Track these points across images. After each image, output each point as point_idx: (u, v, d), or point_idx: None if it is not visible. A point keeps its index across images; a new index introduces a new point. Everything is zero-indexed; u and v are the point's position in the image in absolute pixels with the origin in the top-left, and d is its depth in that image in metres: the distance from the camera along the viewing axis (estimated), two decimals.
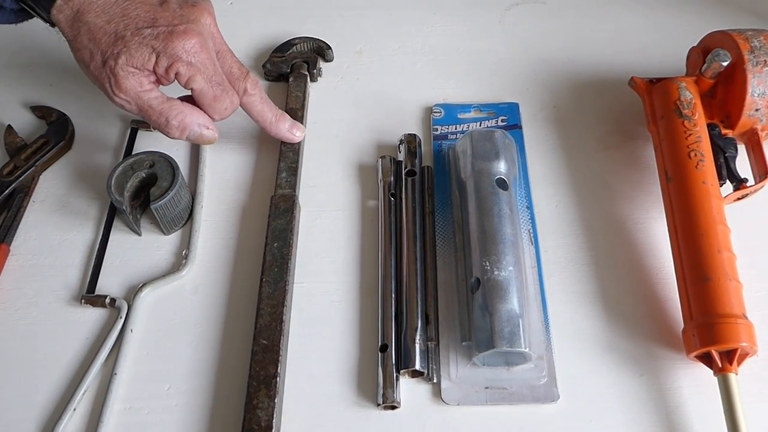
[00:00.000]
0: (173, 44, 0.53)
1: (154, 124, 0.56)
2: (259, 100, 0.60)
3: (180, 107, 0.56)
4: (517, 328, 0.50)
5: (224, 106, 0.57)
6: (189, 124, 0.56)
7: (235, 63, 0.59)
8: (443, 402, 0.51)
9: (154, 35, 0.53)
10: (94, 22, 0.53)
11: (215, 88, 0.56)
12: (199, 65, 0.54)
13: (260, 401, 0.50)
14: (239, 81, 0.59)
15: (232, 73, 0.58)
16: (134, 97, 0.54)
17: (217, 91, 0.56)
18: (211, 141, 0.59)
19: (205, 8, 0.56)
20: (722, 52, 0.57)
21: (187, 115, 0.56)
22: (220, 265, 0.58)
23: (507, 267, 0.52)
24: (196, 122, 0.56)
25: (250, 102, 0.60)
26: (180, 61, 0.53)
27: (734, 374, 0.49)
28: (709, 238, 0.52)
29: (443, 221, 0.59)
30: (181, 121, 0.56)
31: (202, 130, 0.57)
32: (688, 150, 0.56)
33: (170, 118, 0.55)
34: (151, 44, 0.52)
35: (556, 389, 0.51)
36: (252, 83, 0.59)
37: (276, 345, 0.52)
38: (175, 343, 0.54)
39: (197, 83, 0.54)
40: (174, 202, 0.58)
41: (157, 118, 0.55)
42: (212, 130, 0.58)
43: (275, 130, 0.62)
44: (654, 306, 0.55)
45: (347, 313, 0.56)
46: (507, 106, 0.67)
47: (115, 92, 0.54)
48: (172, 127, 0.56)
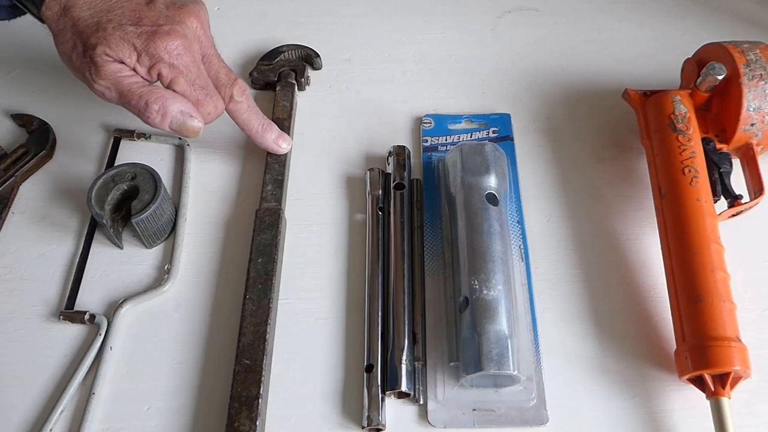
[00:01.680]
0: (155, 44, 0.52)
1: (134, 110, 0.54)
2: (245, 108, 0.59)
3: (161, 92, 0.53)
4: (505, 350, 0.49)
5: (207, 110, 0.55)
6: (170, 109, 0.53)
7: (223, 68, 0.58)
8: (429, 424, 0.50)
9: (137, 33, 0.52)
10: (79, 16, 0.53)
11: (198, 92, 0.54)
12: (182, 67, 0.53)
13: (242, 423, 0.48)
14: (226, 87, 0.57)
15: (218, 79, 0.57)
16: (114, 82, 0.52)
17: (200, 95, 0.55)
18: (195, 132, 0.55)
19: (192, 11, 0.55)
20: (717, 65, 0.56)
21: (169, 100, 0.53)
22: (203, 280, 0.57)
23: (496, 286, 0.51)
24: (178, 109, 0.54)
25: (236, 109, 0.58)
26: (162, 62, 0.52)
27: (727, 398, 0.48)
28: (703, 258, 0.51)
29: (432, 236, 0.58)
30: (162, 104, 0.53)
31: (186, 119, 0.54)
32: (682, 166, 0.55)
33: (150, 102, 0.53)
34: (132, 42, 0.52)
35: (546, 411, 0.50)
36: (239, 90, 0.58)
37: (258, 365, 0.51)
38: (155, 361, 0.53)
39: (179, 85, 0.53)
40: (156, 216, 0.56)
41: (137, 102, 0.53)
42: (197, 119, 0.55)
43: (260, 140, 0.61)
44: (646, 326, 0.54)
45: (333, 331, 0.54)
46: (498, 117, 0.65)
47: (95, 79, 0.52)
48: (152, 110, 0.53)
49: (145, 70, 0.53)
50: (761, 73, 0.55)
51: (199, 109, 0.55)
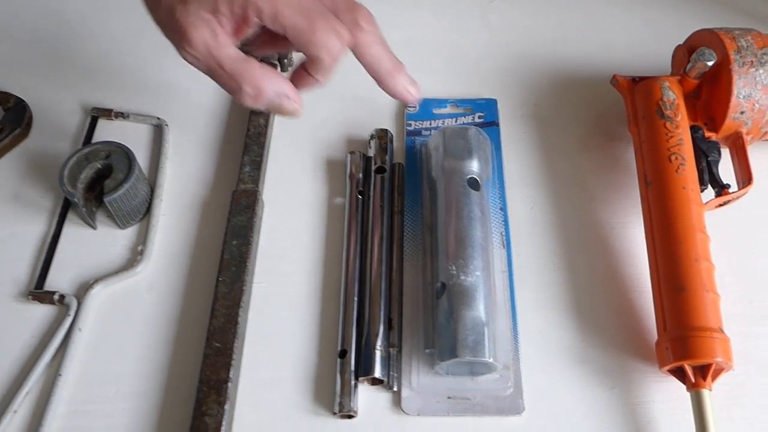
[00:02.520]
0: None
1: (224, 87, 0.46)
2: (375, 39, 0.47)
3: (257, 70, 0.45)
4: (481, 337, 0.47)
5: (327, 36, 0.44)
6: (265, 90, 0.46)
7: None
8: (403, 412, 0.49)
9: None
10: None
11: (310, 18, 0.44)
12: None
13: (209, 407, 0.47)
14: (346, 13, 0.46)
15: (335, 5, 0.46)
16: (204, 52, 0.44)
17: (315, 21, 0.44)
18: (293, 113, 0.47)
19: None
20: (707, 51, 0.54)
21: (264, 79, 0.45)
22: (177, 262, 0.56)
23: (474, 272, 0.50)
24: (274, 89, 0.46)
25: (363, 41, 0.46)
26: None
27: (708, 390, 0.46)
28: (687, 246, 0.49)
29: (413, 221, 0.57)
30: (256, 86, 0.45)
31: (282, 100, 0.46)
32: (669, 153, 0.53)
33: (243, 83, 0.45)
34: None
35: (522, 401, 0.49)
36: (366, 16, 0.47)
37: (229, 348, 0.49)
38: (125, 343, 0.52)
39: (286, 18, 0.44)
40: (130, 195, 0.55)
41: (228, 81, 0.46)
42: (294, 100, 0.47)
43: (391, 84, 0.49)
44: (628, 316, 0.53)
45: (308, 316, 0.53)
46: (485, 102, 0.64)
47: (183, 46, 0.44)
48: (245, 93, 0.46)
49: (240, 10, 0.44)
50: (752, 59, 0.54)
51: (315, 38, 0.44)
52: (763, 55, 0.54)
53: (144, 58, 0.67)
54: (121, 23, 0.69)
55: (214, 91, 0.65)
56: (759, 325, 0.52)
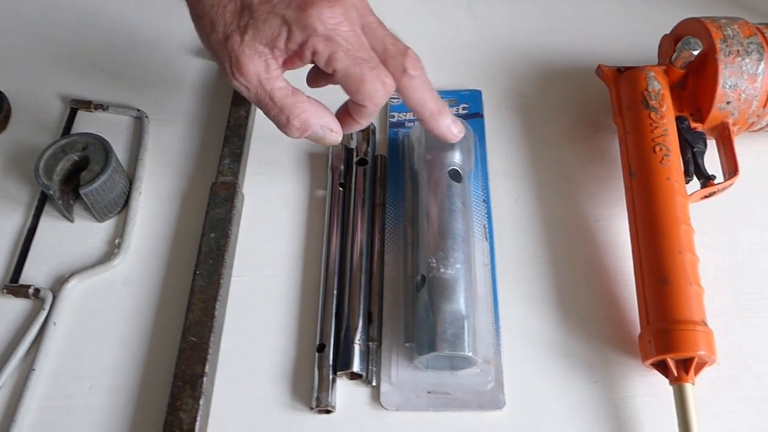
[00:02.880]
0: (308, 13, 0.43)
1: (272, 119, 0.47)
2: (420, 85, 0.49)
3: (305, 105, 0.47)
4: (461, 331, 0.47)
5: (374, 88, 0.45)
6: (312, 125, 0.47)
7: (389, 37, 0.48)
8: (382, 407, 0.48)
9: (287, 2, 0.44)
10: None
11: (362, 67, 0.45)
12: (341, 40, 0.44)
13: (184, 402, 0.46)
14: (395, 59, 0.47)
15: (386, 50, 0.47)
16: (255, 84, 0.45)
17: (365, 71, 0.45)
18: (333, 143, 0.49)
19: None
20: (693, 40, 0.54)
21: (312, 115, 0.47)
22: (155, 255, 0.55)
23: (455, 264, 0.49)
24: (320, 123, 0.47)
25: (410, 86, 0.48)
26: (316, 36, 0.44)
27: (690, 384, 0.46)
28: (671, 239, 0.49)
29: (394, 214, 0.56)
30: (305, 121, 0.47)
31: (326, 133, 0.48)
32: (654, 144, 0.52)
33: (292, 118, 0.46)
34: (282, 14, 0.44)
35: (503, 395, 0.48)
36: (413, 62, 0.48)
37: (205, 342, 0.49)
38: (101, 337, 0.51)
39: (340, 62, 0.44)
40: (107, 188, 0.54)
41: (277, 114, 0.46)
42: (336, 133, 0.48)
43: (434, 124, 0.51)
44: (612, 309, 0.52)
45: (287, 309, 0.52)
46: (469, 94, 0.63)
47: (234, 74, 0.45)
48: (293, 127, 0.47)
49: (296, 46, 0.44)
50: (738, 48, 0.53)
51: (363, 88, 0.45)
52: (749, 44, 0.53)
53: (124, 49, 0.66)
54: (103, 14, 0.68)
55: (194, 82, 0.64)
56: (744, 318, 0.51)
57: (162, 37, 0.66)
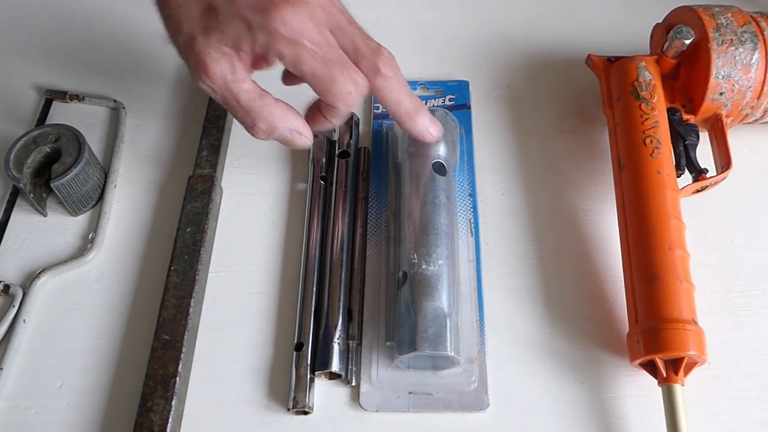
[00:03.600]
0: (271, 17, 0.42)
1: (239, 121, 0.47)
2: (395, 85, 0.47)
3: (272, 108, 0.46)
4: (443, 329, 0.45)
5: (345, 89, 0.44)
6: (279, 128, 0.46)
7: (361, 37, 0.46)
8: (361, 407, 0.46)
9: (251, 5, 0.42)
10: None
11: (331, 69, 0.44)
12: (306, 42, 0.43)
13: (155, 403, 0.45)
14: (367, 59, 0.46)
15: (357, 50, 0.46)
16: (221, 85, 0.44)
17: (334, 72, 0.44)
18: (303, 147, 0.48)
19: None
20: (685, 29, 0.52)
21: (279, 118, 0.46)
22: (129, 250, 0.53)
23: (437, 261, 0.47)
24: (288, 127, 0.46)
25: (384, 86, 0.46)
26: (280, 39, 0.43)
27: (680, 385, 0.44)
28: (661, 234, 0.47)
29: (377, 208, 0.54)
30: (271, 124, 0.46)
31: (294, 136, 0.47)
32: (644, 136, 0.51)
33: (258, 120, 0.45)
34: (245, 17, 0.42)
35: (487, 396, 0.47)
36: (386, 61, 0.46)
37: (179, 341, 0.47)
38: (72, 335, 0.49)
39: (306, 65, 0.43)
40: (80, 181, 0.52)
41: (244, 116, 0.46)
42: (305, 136, 0.48)
43: (411, 125, 0.49)
44: (600, 307, 0.50)
45: (265, 307, 0.51)
46: (456, 84, 0.61)
47: (200, 76, 0.44)
48: (259, 129, 0.46)
49: (262, 50, 0.43)
50: (732, 38, 0.51)
51: (333, 89, 0.44)
52: (743, 33, 0.51)
53: (101, 38, 0.64)
54: (81, 2, 0.67)
55: (173, 73, 0.62)
56: (736, 316, 0.50)
57: (140, 27, 0.64)
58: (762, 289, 0.51)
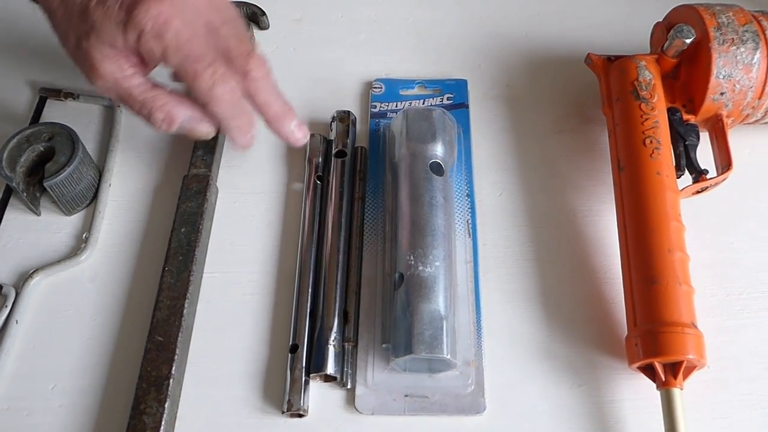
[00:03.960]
0: (136, 11, 0.43)
1: (138, 115, 0.47)
2: (264, 86, 0.48)
3: (166, 97, 0.47)
4: (439, 332, 0.45)
5: (207, 84, 0.45)
6: (176, 116, 0.47)
7: (233, 36, 0.46)
8: (357, 411, 0.46)
9: (119, 3, 0.43)
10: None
11: (195, 65, 0.44)
12: (171, 36, 0.43)
13: (149, 405, 0.44)
14: (238, 60, 0.46)
15: (229, 51, 0.46)
16: (113, 84, 0.45)
17: (198, 68, 0.44)
18: (206, 135, 0.49)
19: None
20: (686, 27, 0.51)
21: (175, 106, 0.47)
22: (124, 250, 0.53)
23: (434, 262, 0.47)
24: (185, 115, 0.47)
25: (253, 87, 0.47)
26: (146, 33, 0.43)
27: (678, 389, 0.44)
28: (660, 236, 0.46)
29: (374, 208, 0.54)
30: (167, 113, 0.47)
31: (194, 124, 0.48)
32: (644, 136, 0.50)
33: (154, 110, 0.46)
34: (115, 16, 0.43)
35: (483, 399, 0.46)
36: (257, 63, 0.47)
37: (172, 342, 0.46)
38: (65, 336, 0.49)
39: (171, 59, 0.44)
40: (73, 180, 0.52)
41: (139, 109, 0.47)
42: (207, 122, 0.48)
43: (278, 127, 0.50)
44: (599, 309, 0.50)
45: (260, 308, 0.50)
46: (455, 83, 0.61)
47: (92, 78, 0.45)
48: (157, 119, 0.47)
49: (133, 45, 0.44)
50: (733, 37, 0.51)
51: (198, 85, 0.45)
52: (744, 32, 0.51)
53: None
54: None
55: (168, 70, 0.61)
56: (736, 319, 0.49)
57: None
58: (762, 292, 0.51)
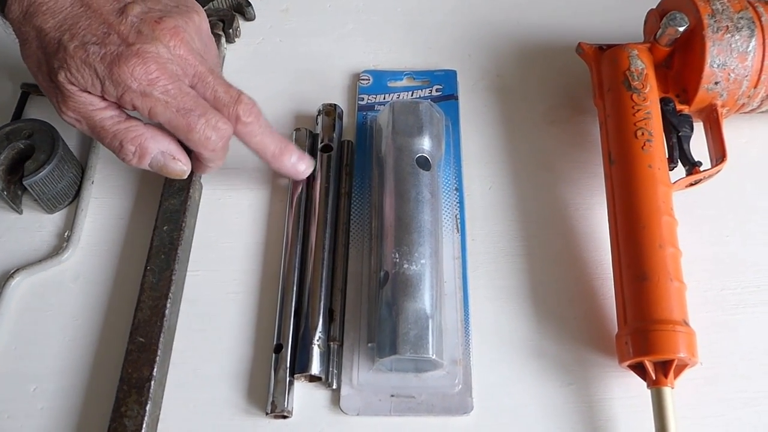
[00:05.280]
0: (120, 70, 0.43)
1: (109, 148, 0.47)
2: (257, 129, 0.48)
3: (140, 129, 0.46)
4: (424, 331, 0.44)
5: (204, 135, 0.45)
6: (149, 150, 0.46)
7: (221, 85, 0.47)
8: (342, 411, 0.45)
9: (100, 55, 0.43)
10: (41, 26, 0.44)
11: (187, 117, 0.45)
12: (159, 94, 0.44)
13: (129, 408, 0.44)
14: (228, 107, 0.46)
15: (217, 99, 0.46)
16: (84, 116, 0.45)
17: (191, 120, 0.45)
18: (180, 174, 0.49)
19: (171, 27, 0.45)
20: (679, 15, 0.50)
21: (149, 138, 0.46)
22: (107, 249, 0.52)
23: (419, 260, 0.46)
24: (159, 149, 0.47)
25: (245, 132, 0.48)
26: (130, 91, 0.43)
27: (669, 388, 0.43)
28: (651, 231, 0.45)
29: (361, 204, 0.52)
30: (140, 145, 0.46)
31: (167, 160, 0.47)
32: (635, 128, 0.49)
33: (125, 142, 0.46)
34: (95, 67, 0.43)
35: (471, 399, 0.45)
36: (246, 109, 0.47)
37: (154, 343, 0.46)
38: (47, 337, 0.48)
39: (161, 116, 0.44)
40: (54, 178, 0.51)
41: (111, 141, 0.46)
42: (180, 161, 0.48)
43: (277, 165, 0.50)
44: (589, 306, 0.49)
45: (245, 307, 0.49)
46: (444, 74, 0.59)
47: (62, 110, 0.45)
48: (128, 152, 0.46)
49: (114, 99, 0.44)
50: (727, 24, 0.49)
51: (193, 136, 0.45)
52: (739, 19, 0.49)
53: None
54: None
55: None
56: (730, 314, 0.48)
57: None
58: (758, 286, 0.49)
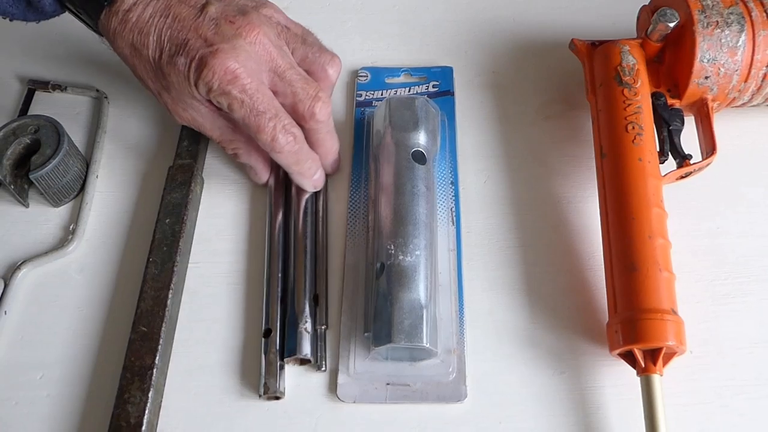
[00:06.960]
0: (205, 72, 0.46)
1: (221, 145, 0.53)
2: (325, 128, 0.51)
3: (239, 143, 0.52)
4: (419, 321, 0.45)
5: (271, 137, 0.48)
6: (240, 159, 0.53)
7: (299, 81, 0.48)
8: (339, 399, 0.46)
9: (187, 65, 0.46)
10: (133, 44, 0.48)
11: (258, 119, 0.47)
12: (236, 93, 0.46)
13: (132, 395, 0.45)
14: (305, 103, 0.48)
15: (295, 95, 0.48)
16: (196, 126, 0.51)
17: (261, 122, 0.47)
18: (257, 182, 0.54)
19: (247, 24, 0.47)
20: (669, 11, 0.51)
21: (243, 154, 0.52)
22: (111, 242, 0.53)
23: (414, 251, 0.47)
24: (251, 159, 0.52)
25: (315, 129, 0.50)
26: (213, 91, 0.46)
27: (658, 375, 0.44)
28: (640, 223, 0.46)
29: (358, 197, 0.54)
30: (234, 155, 0.53)
31: (249, 172, 0.54)
32: (626, 122, 0.50)
33: (227, 150, 0.53)
34: (186, 75, 0.47)
35: (465, 387, 0.46)
36: (322, 107, 0.49)
37: (156, 332, 0.47)
38: (53, 327, 0.50)
39: (236, 113, 0.47)
40: (59, 172, 0.52)
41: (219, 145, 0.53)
42: (258, 175, 0.54)
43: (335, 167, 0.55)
44: (581, 296, 0.50)
45: (244, 296, 0.51)
46: (440, 71, 0.60)
47: (176, 119, 0.51)
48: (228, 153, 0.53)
49: (205, 100, 0.49)
50: (717, 20, 0.50)
51: (260, 137, 0.48)
52: (729, 14, 0.50)
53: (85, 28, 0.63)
54: None
55: None
56: (719, 305, 0.49)
57: None
58: (747, 277, 0.50)
